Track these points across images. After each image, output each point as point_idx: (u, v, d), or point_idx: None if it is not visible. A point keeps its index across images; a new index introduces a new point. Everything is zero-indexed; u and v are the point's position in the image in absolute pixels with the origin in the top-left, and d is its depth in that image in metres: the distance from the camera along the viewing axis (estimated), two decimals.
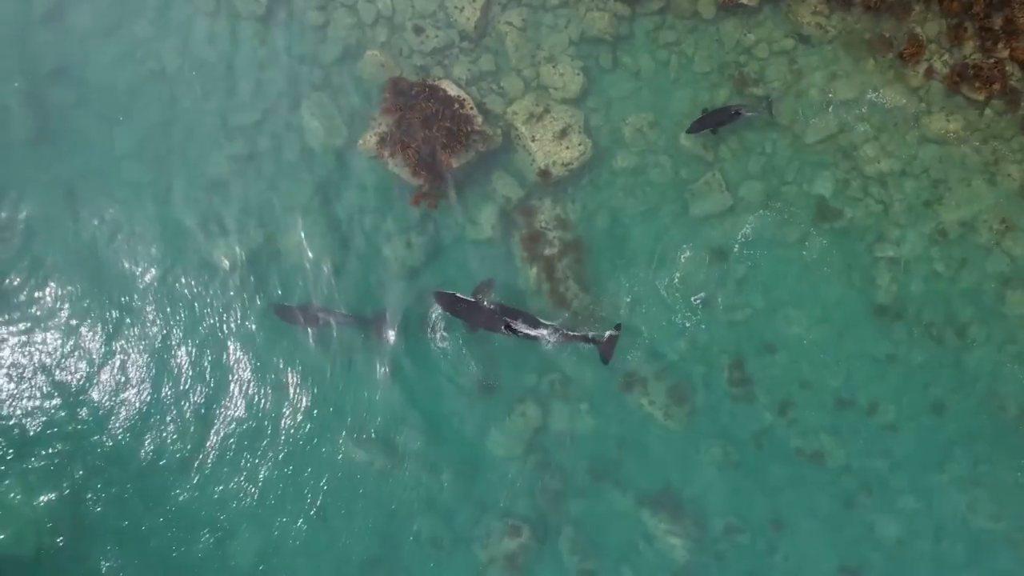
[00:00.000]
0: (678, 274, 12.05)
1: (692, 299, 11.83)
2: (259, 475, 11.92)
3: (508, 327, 10.95)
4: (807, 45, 12.06)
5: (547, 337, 11.17)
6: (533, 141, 11.65)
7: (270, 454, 11.93)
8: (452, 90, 11.36)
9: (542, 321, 11.21)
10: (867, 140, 11.90)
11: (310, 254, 12.03)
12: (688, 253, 12.07)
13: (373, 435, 11.97)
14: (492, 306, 11.15)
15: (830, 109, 11.98)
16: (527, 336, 11.08)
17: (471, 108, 11.34)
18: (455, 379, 11.98)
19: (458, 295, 11.24)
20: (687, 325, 12.04)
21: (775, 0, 12.03)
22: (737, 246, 12.05)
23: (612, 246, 12.02)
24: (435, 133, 11.07)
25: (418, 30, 11.92)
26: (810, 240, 12.00)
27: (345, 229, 11.99)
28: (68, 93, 12.16)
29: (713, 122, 11.63)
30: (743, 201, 12.03)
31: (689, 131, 11.66)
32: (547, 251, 11.84)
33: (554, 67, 11.89)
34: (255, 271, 12.07)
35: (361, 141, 11.68)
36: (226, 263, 12.03)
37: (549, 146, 11.62)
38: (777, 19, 12.13)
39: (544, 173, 11.68)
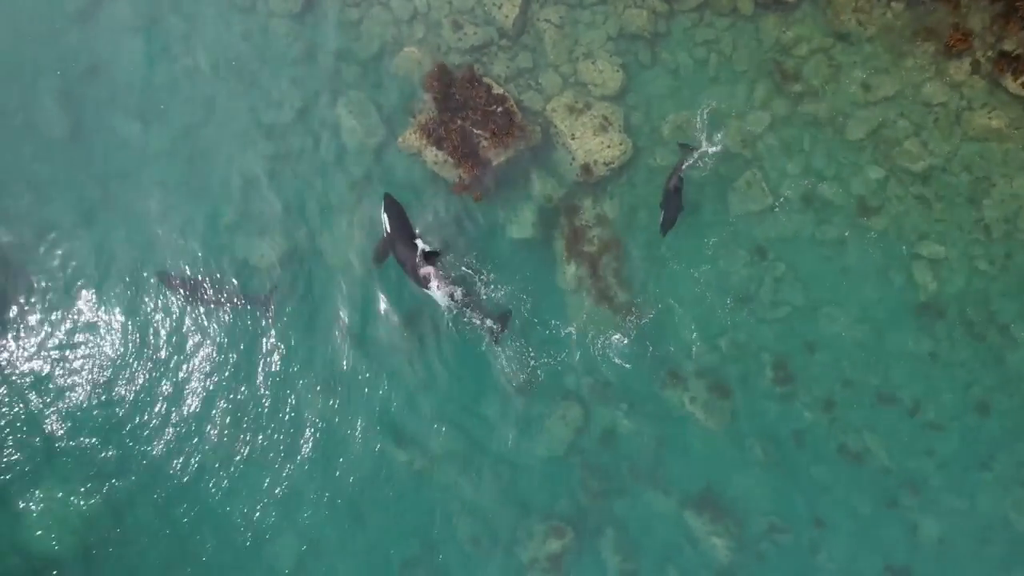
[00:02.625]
0: (717, 272, 11.98)
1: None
2: (298, 477, 11.78)
3: (426, 261, 10.47)
4: (846, 42, 11.98)
5: (450, 300, 10.86)
6: (573, 139, 11.56)
7: (309, 456, 11.79)
8: (493, 87, 11.27)
9: (467, 291, 10.93)
10: (907, 137, 11.83)
11: (348, 253, 11.91)
12: (728, 251, 12.00)
13: (412, 436, 11.85)
14: (423, 248, 10.60)
15: (870, 106, 11.92)
16: (434, 286, 10.69)
17: (512, 104, 11.24)
18: (495, 380, 11.87)
19: (406, 214, 10.77)
20: (727, 324, 11.96)
21: None
22: (777, 244, 11.98)
23: (651, 244, 11.93)
24: (479, 119, 10.94)
25: (456, 27, 11.82)
26: (850, 238, 11.92)
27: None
28: (101, 91, 12.03)
29: (674, 211, 11.02)
30: (783, 198, 11.95)
31: (665, 232, 11.16)
32: (588, 249, 11.74)
33: (593, 63, 11.80)
34: (292, 270, 11.95)
35: (401, 138, 11.57)
36: (263, 263, 11.91)
37: (590, 144, 11.53)
38: (816, 16, 12.05)
39: (585, 171, 11.58)
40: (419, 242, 10.71)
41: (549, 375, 11.89)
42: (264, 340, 11.90)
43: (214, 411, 11.83)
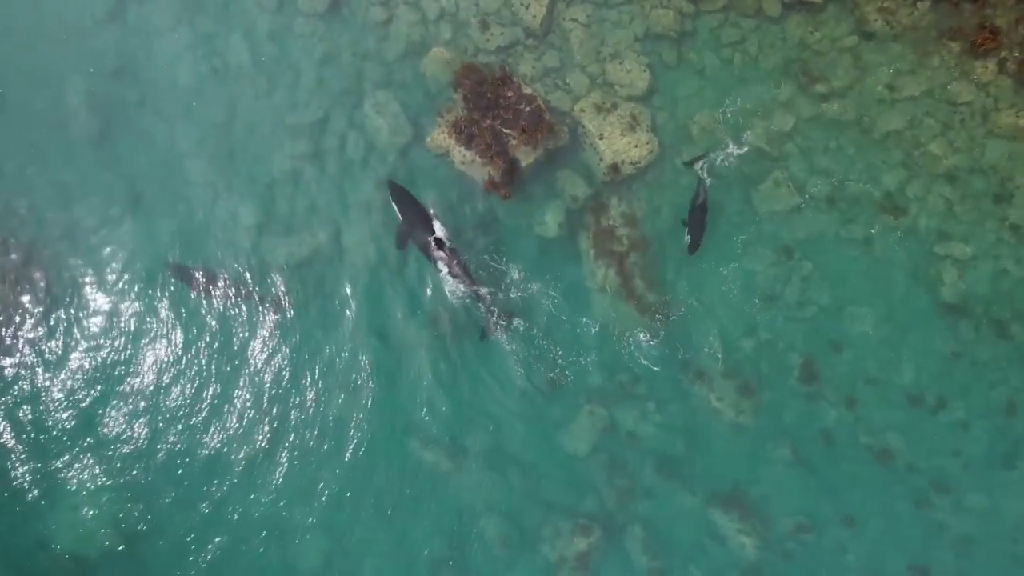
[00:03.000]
0: (744, 272, 12.01)
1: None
2: (324, 477, 11.80)
3: (436, 247, 10.85)
4: (872, 41, 12.02)
5: (462, 288, 11.25)
6: (601, 139, 11.59)
7: (336, 455, 11.80)
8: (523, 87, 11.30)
9: (472, 276, 11.23)
10: (934, 137, 11.87)
11: (374, 253, 11.94)
12: (754, 250, 12.03)
13: (438, 435, 11.87)
14: (438, 230, 10.99)
15: (895, 106, 11.95)
16: (445, 272, 11.10)
17: (541, 103, 11.26)
18: (522, 379, 11.90)
19: (412, 194, 11.14)
20: (754, 323, 11.99)
21: None
22: (803, 243, 12.01)
23: (678, 244, 11.95)
24: (509, 118, 10.98)
25: (483, 27, 11.85)
26: (876, 237, 11.96)
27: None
28: (130, 91, 12.06)
29: (699, 229, 11.27)
30: (809, 198, 11.98)
31: (692, 252, 11.43)
32: (615, 248, 11.77)
33: (620, 64, 11.83)
34: (319, 270, 11.98)
35: (429, 138, 11.60)
36: (290, 262, 11.93)
37: (617, 143, 11.55)
38: (842, 16, 12.09)
39: (612, 170, 11.61)
40: (436, 223, 11.05)
41: (575, 374, 11.91)
42: (291, 340, 11.92)
43: (241, 411, 11.83)
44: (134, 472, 11.64)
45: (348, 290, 11.95)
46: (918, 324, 11.93)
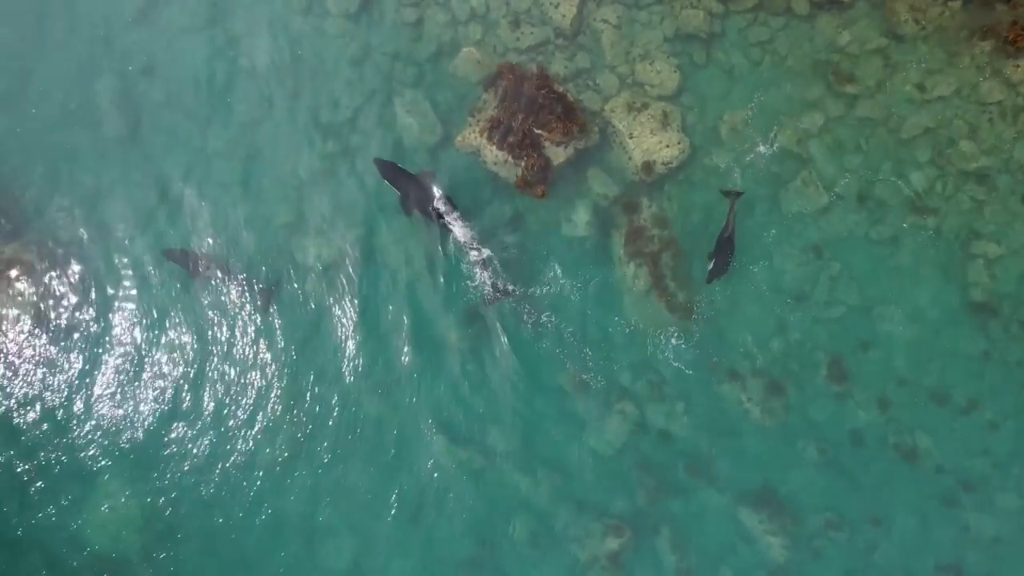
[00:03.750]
0: (773, 271, 12.01)
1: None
2: (352, 476, 11.82)
3: (437, 214, 11.12)
4: (901, 41, 12.02)
5: (469, 245, 11.40)
6: (631, 138, 11.60)
7: (365, 455, 11.83)
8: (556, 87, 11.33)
9: (475, 237, 11.40)
10: (963, 136, 11.87)
11: (403, 252, 11.96)
12: (782, 250, 12.03)
13: (468, 435, 11.89)
14: (433, 190, 11.19)
15: (925, 106, 11.95)
16: (449, 230, 11.29)
17: (575, 103, 11.28)
18: (552, 378, 11.92)
19: (399, 166, 11.28)
20: (783, 322, 12.00)
21: None
22: (831, 243, 12.02)
23: (708, 244, 11.92)
24: (544, 118, 10.99)
25: (513, 27, 11.86)
26: (905, 237, 11.96)
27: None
28: (159, 91, 12.09)
29: (724, 263, 11.35)
30: (837, 198, 11.99)
31: (711, 280, 11.50)
32: (646, 248, 11.78)
33: (650, 64, 11.84)
34: (347, 270, 11.99)
35: (460, 137, 11.62)
36: (318, 262, 11.96)
37: (647, 143, 11.57)
38: (871, 16, 12.09)
39: (643, 170, 11.62)
40: (434, 189, 11.20)
41: (605, 374, 11.93)
42: (320, 341, 11.95)
43: (270, 412, 11.87)
44: (166, 473, 11.67)
45: (378, 291, 11.96)
46: (947, 324, 11.93)
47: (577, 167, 11.86)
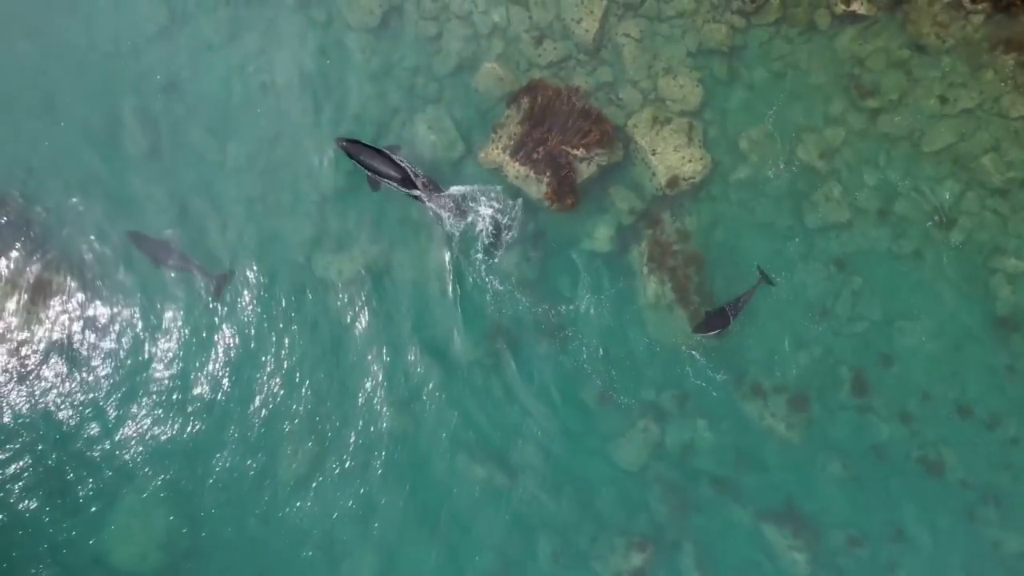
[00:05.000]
0: (794, 286, 11.98)
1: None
2: (376, 493, 11.82)
3: (405, 181, 10.96)
4: (924, 55, 11.96)
5: (443, 207, 11.30)
6: (653, 154, 11.56)
7: (387, 472, 11.83)
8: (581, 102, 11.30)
9: (443, 190, 11.33)
10: (986, 151, 11.81)
11: (424, 268, 11.93)
12: (805, 265, 12.00)
13: (490, 451, 11.88)
14: (399, 161, 11.06)
15: (947, 119, 11.91)
16: (420, 199, 11.17)
17: (600, 115, 11.24)
18: (573, 394, 11.90)
19: (364, 142, 11.15)
20: (805, 337, 11.97)
21: (891, 9, 11.95)
22: (853, 257, 11.98)
23: (730, 258, 11.93)
24: (569, 133, 10.96)
25: (536, 42, 11.82)
26: (927, 252, 11.91)
27: (461, 242, 11.87)
28: (179, 107, 12.06)
29: (720, 323, 11.21)
30: (859, 212, 11.95)
31: (695, 331, 11.45)
32: (669, 263, 11.75)
33: (673, 79, 11.80)
34: (369, 286, 11.96)
35: (483, 153, 11.58)
36: (339, 278, 11.93)
37: (670, 159, 11.53)
38: (893, 29, 12.03)
39: (665, 185, 11.59)
40: (400, 161, 11.04)
41: (628, 389, 11.91)
42: (341, 357, 11.93)
43: (292, 428, 11.86)
44: (186, 489, 11.66)
45: (399, 306, 11.95)
46: (970, 338, 11.89)
47: (599, 182, 11.82)
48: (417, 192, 11.07)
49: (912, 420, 11.91)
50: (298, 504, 11.82)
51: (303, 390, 11.87)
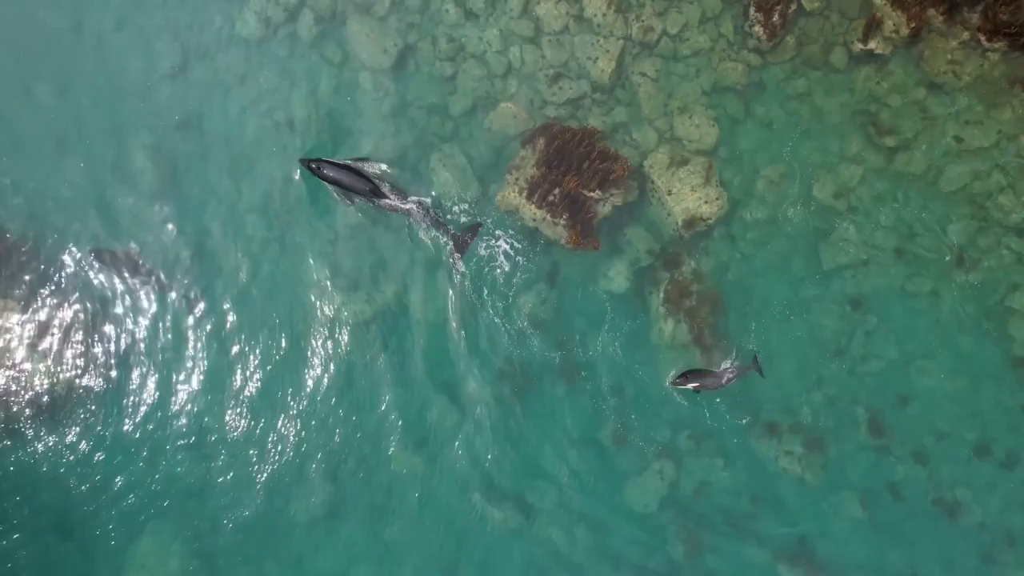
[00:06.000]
0: (810, 326, 11.95)
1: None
2: (389, 534, 11.81)
3: (375, 192, 11.08)
4: (940, 93, 11.91)
5: (411, 212, 11.40)
6: (670, 195, 11.52)
7: (403, 511, 11.80)
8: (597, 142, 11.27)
9: (410, 196, 11.42)
10: (1002, 189, 11.77)
11: (439, 307, 11.89)
12: (820, 304, 11.97)
13: (505, 491, 11.85)
14: (362, 172, 11.18)
15: (964, 158, 11.86)
16: (391, 207, 11.32)
17: (614, 155, 11.20)
18: (589, 433, 11.88)
19: (329, 160, 11.24)
20: (821, 377, 11.94)
21: (907, 48, 11.90)
22: (869, 297, 11.95)
23: (745, 298, 11.91)
24: (585, 174, 10.93)
25: (551, 81, 11.78)
26: (943, 291, 11.88)
27: (476, 282, 11.84)
28: (194, 145, 12.00)
29: (697, 381, 11.09)
30: (875, 252, 11.91)
31: (671, 383, 11.35)
32: (685, 303, 11.71)
33: (689, 118, 11.76)
34: (385, 326, 11.92)
35: (499, 196, 11.53)
36: (353, 317, 11.88)
37: (687, 200, 11.49)
38: (909, 67, 11.98)
39: (682, 226, 11.55)
40: (367, 169, 11.25)
41: (644, 428, 11.88)
42: (355, 397, 11.88)
43: (307, 468, 11.81)
44: (202, 530, 11.63)
45: (414, 347, 11.90)
46: (987, 378, 11.86)
47: (614, 222, 11.78)
48: (387, 200, 11.16)
49: (928, 460, 11.90)
50: (313, 544, 11.80)
51: (317, 431, 11.83)
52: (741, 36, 11.93)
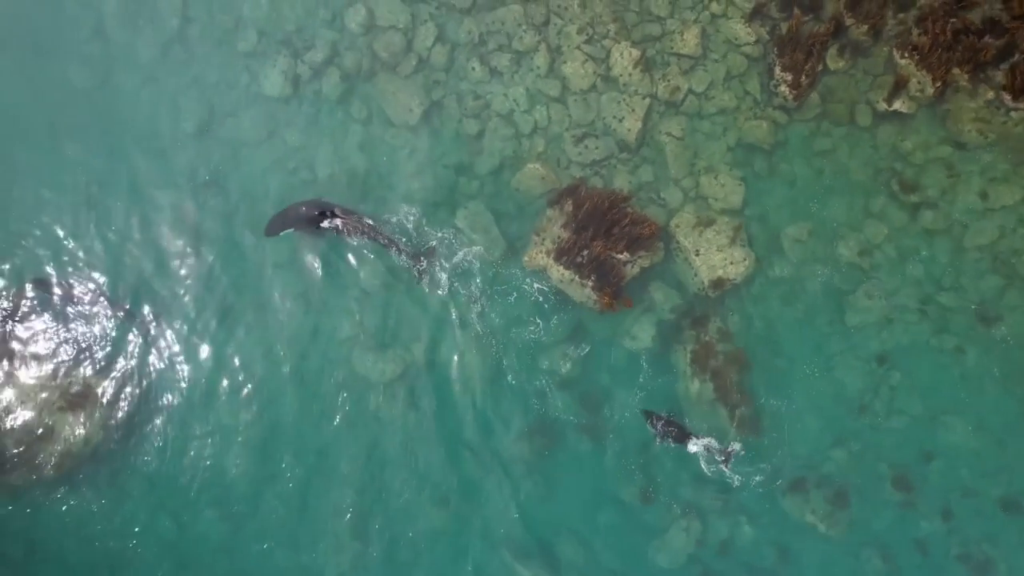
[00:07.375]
0: (835, 383, 11.97)
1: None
2: None
3: (331, 214, 11.23)
4: (965, 150, 11.95)
5: (371, 235, 11.47)
6: (697, 255, 11.55)
7: (427, 569, 11.81)
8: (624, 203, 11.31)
9: (378, 231, 11.49)
10: None
11: (465, 365, 11.91)
12: (845, 361, 11.99)
13: (532, 548, 11.85)
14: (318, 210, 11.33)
15: (989, 215, 11.89)
16: (350, 232, 11.41)
17: (640, 216, 11.25)
18: (615, 491, 11.89)
19: (275, 213, 11.52)
20: (845, 433, 11.96)
21: (932, 106, 11.93)
22: (894, 353, 11.97)
23: (770, 356, 11.92)
24: (612, 236, 10.97)
25: (577, 140, 11.81)
26: (968, 347, 11.90)
27: (502, 341, 11.86)
28: (220, 203, 12.04)
29: (666, 428, 11.40)
30: (900, 308, 11.93)
31: (644, 413, 11.58)
32: (712, 362, 11.74)
33: (715, 177, 11.79)
34: (409, 384, 11.95)
35: (526, 257, 11.56)
36: (380, 376, 11.90)
37: (713, 259, 11.52)
38: (934, 125, 12.02)
39: (710, 287, 11.58)
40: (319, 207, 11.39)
41: (669, 486, 11.89)
42: (383, 453, 11.91)
43: (333, 524, 11.83)
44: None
45: (441, 404, 11.91)
46: (1014, 433, 11.87)
47: (641, 282, 11.81)
48: (339, 220, 11.25)
49: (954, 517, 11.90)
50: None
51: (344, 487, 11.85)
52: (767, 94, 11.97)
